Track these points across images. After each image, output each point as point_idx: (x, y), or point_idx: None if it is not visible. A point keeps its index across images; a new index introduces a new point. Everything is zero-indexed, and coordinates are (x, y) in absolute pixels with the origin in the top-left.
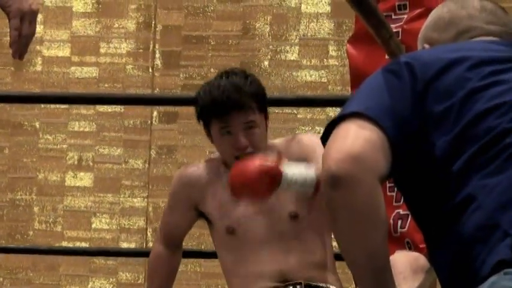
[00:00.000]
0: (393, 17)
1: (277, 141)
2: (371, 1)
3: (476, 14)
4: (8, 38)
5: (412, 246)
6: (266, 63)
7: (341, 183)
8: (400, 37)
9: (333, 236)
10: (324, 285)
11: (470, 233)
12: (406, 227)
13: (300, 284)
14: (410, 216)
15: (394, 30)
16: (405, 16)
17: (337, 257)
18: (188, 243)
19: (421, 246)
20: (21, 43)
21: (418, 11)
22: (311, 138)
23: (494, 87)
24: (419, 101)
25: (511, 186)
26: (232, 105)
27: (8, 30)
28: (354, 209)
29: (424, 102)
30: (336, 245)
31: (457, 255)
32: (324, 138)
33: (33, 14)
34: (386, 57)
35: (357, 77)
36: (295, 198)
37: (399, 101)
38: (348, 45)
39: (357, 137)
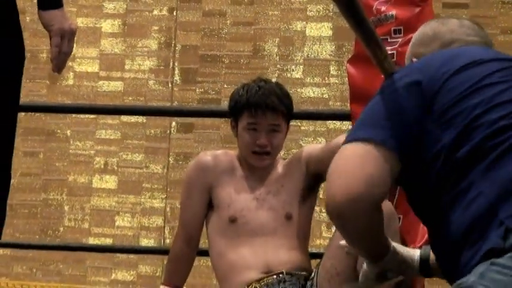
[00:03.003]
0: (389, 40)
1: (284, 159)
2: (369, 25)
3: (457, 29)
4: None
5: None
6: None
7: (341, 217)
8: (395, 58)
9: None
10: (301, 272)
11: (468, 222)
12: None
13: (282, 273)
14: (402, 218)
15: (390, 52)
16: (400, 40)
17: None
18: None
19: (411, 246)
20: (61, 59)
21: (411, 35)
22: (307, 146)
23: (492, 87)
24: (426, 109)
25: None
26: (267, 105)
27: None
28: (352, 234)
29: (430, 108)
30: None
31: (455, 244)
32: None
33: (72, 33)
34: (382, 76)
35: (356, 94)
36: (292, 201)
37: (405, 115)
38: (347, 65)
39: (360, 168)
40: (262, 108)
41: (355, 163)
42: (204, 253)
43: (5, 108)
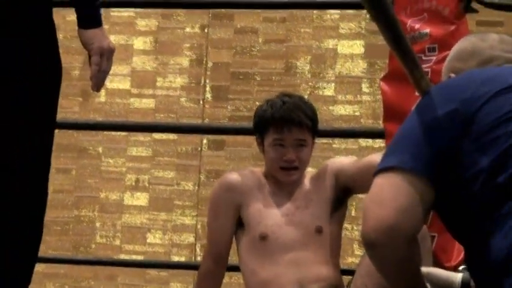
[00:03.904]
0: (423, 58)
1: (312, 171)
2: (408, 44)
3: (497, 45)
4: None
5: (437, 265)
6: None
7: (376, 248)
8: (429, 76)
9: None
10: None
11: (508, 250)
12: (433, 247)
13: None
14: (436, 237)
15: (424, 69)
16: (434, 57)
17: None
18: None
19: (446, 265)
20: (100, 77)
21: (446, 53)
22: (333, 160)
23: None
24: (463, 131)
25: None
26: (292, 121)
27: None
28: (385, 265)
29: (467, 130)
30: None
31: (494, 270)
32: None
33: (111, 52)
34: (416, 94)
35: (389, 112)
36: (322, 214)
37: (438, 139)
38: (381, 82)
39: (393, 199)
40: (288, 124)
41: (386, 194)
42: (236, 269)
43: (43, 126)
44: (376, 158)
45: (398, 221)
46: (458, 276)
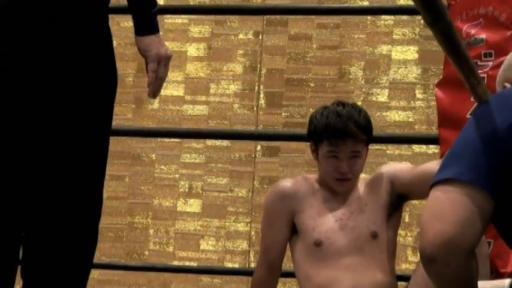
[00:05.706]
0: (479, 63)
1: (366, 177)
2: (464, 51)
3: None
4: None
5: (493, 272)
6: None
7: (434, 263)
8: (485, 82)
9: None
10: None
11: None
12: (489, 253)
13: None
14: (492, 243)
15: (480, 75)
16: (491, 63)
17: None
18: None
19: (502, 271)
20: (157, 84)
21: (502, 58)
22: (389, 165)
23: None
24: None
25: None
26: (346, 133)
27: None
28: (444, 281)
29: None
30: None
31: None
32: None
33: (168, 59)
34: (472, 99)
35: (444, 118)
36: (377, 219)
37: (497, 151)
38: (436, 88)
39: (452, 213)
40: (343, 137)
41: (444, 208)
42: (290, 275)
43: (99, 134)
44: (434, 166)
45: (457, 235)
46: (506, 283)
